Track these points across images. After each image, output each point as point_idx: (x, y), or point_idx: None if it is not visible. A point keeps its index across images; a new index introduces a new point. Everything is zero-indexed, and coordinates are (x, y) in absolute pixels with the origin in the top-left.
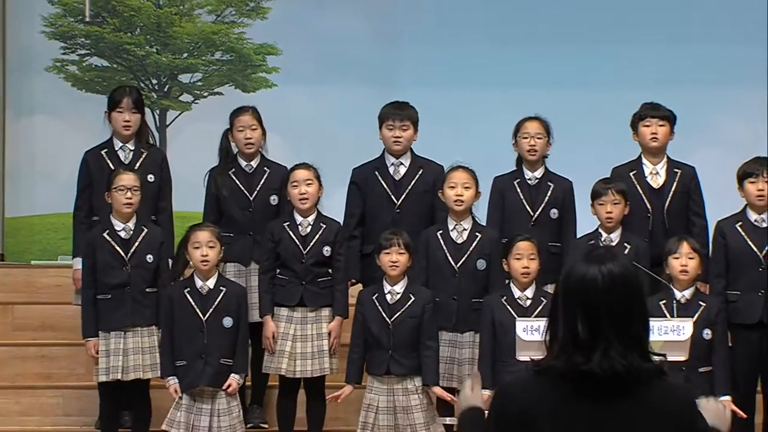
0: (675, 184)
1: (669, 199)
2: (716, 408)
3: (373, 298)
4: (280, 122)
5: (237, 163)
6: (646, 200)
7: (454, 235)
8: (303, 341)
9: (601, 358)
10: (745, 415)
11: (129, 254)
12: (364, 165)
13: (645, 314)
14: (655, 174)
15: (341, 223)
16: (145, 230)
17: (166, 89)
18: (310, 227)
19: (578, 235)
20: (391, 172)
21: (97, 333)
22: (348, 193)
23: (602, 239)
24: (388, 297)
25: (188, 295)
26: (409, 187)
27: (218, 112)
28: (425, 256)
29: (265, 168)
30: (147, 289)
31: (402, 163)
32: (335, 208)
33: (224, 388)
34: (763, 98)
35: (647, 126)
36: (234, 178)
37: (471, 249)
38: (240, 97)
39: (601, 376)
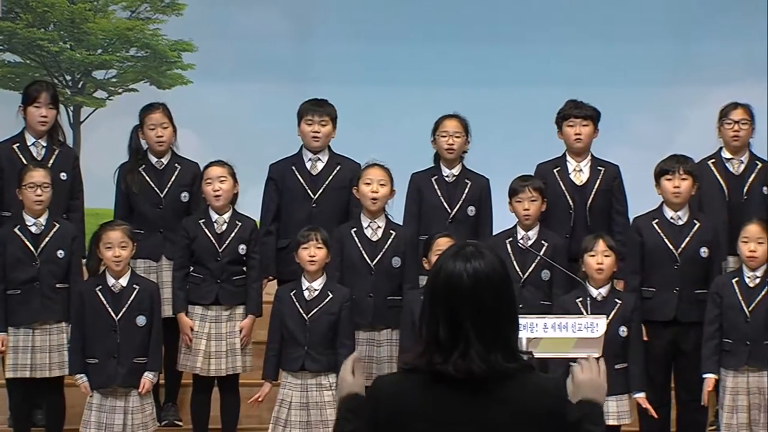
0: (598, 181)
1: (592, 196)
2: (590, 378)
3: (291, 294)
4: (195, 119)
5: (147, 159)
6: (568, 197)
7: (368, 233)
8: (217, 340)
9: (458, 359)
10: (656, 416)
11: (39, 249)
12: (281, 161)
13: (513, 313)
14: (579, 171)
15: (256, 221)
16: (57, 225)
17: (80, 85)
18: (225, 225)
19: (494, 233)
20: (308, 167)
21: (7, 328)
22: (265, 188)
23: (519, 237)
24: (306, 293)
25: (100, 294)
26: (326, 183)
27: (133, 109)
28: (339, 254)
29: (176, 165)
30: (57, 285)
31: (319, 159)
32: (252, 205)
33: (139, 389)
34: (673, 96)
35: (571, 126)
36: (144, 174)
37: (386, 247)
38: (155, 93)
39: (457, 377)
